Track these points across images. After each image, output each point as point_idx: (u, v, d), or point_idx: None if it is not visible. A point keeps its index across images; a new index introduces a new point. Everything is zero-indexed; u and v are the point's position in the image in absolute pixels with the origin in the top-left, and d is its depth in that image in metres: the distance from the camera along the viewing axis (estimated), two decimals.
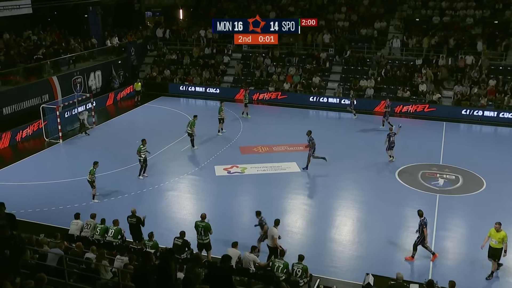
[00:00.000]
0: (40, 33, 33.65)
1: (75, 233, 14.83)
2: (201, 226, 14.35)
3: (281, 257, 13.13)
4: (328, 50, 36.10)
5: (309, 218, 18.18)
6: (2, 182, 20.76)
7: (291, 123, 29.18)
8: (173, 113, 31.03)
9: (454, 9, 36.48)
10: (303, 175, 21.63)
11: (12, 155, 24.06)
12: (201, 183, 21.11)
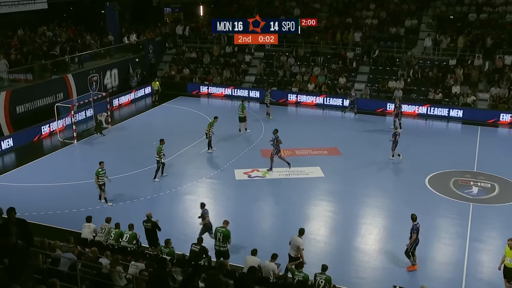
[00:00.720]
0: (56, 29, 34.20)
1: (88, 237, 14.96)
2: (220, 231, 14.34)
3: (300, 269, 13.01)
4: (355, 49, 35.88)
5: (333, 225, 18.05)
6: (15, 183, 21.10)
7: (316, 125, 29.05)
8: (191, 113, 31.17)
9: (492, 5, 35.88)
10: (327, 180, 21.49)
11: (25, 155, 24.44)
12: (220, 187, 21.14)
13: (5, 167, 23.31)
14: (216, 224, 15.13)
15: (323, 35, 37.36)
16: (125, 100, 33.67)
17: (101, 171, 18.87)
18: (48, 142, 26.52)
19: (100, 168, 18.88)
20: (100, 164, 18.94)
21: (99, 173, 18.85)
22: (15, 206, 18.01)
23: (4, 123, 25.90)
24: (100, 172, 18.87)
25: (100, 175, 18.88)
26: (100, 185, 18.99)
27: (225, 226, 14.47)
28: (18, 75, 28.56)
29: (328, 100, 32.72)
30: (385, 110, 31.32)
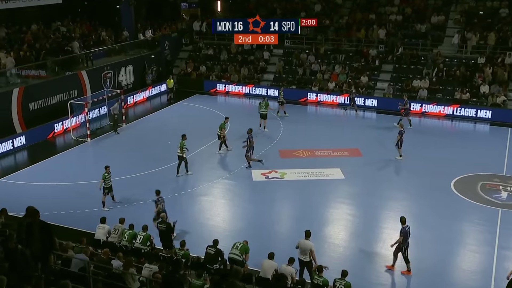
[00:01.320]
0: (70, 24, 34.57)
1: (102, 238, 15.09)
2: (240, 242, 14.20)
3: (320, 272, 12.99)
4: (378, 47, 35.66)
5: (353, 229, 17.96)
6: (27, 181, 21.37)
7: (336, 126, 28.94)
8: (208, 112, 31.26)
9: None
10: (347, 182, 21.39)
11: (38, 154, 24.74)
12: (236, 188, 21.18)
13: (18, 165, 23.63)
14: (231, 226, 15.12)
15: (345, 32, 37.20)
16: (140, 97, 33.90)
17: (107, 175, 18.83)
18: (61, 140, 26.83)
19: (106, 172, 18.83)
20: (106, 169, 18.89)
21: (105, 178, 18.84)
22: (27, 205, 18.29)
23: (16, 120, 26.28)
24: (107, 177, 18.87)
25: (107, 179, 18.91)
26: (105, 189, 18.91)
27: (246, 243, 14.24)
28: (31, 71, 28.93)
29: (349, 99, 32.50)
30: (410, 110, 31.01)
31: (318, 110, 32.74)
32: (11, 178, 21.81)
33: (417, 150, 24.95)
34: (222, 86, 35.95)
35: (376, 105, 31.91)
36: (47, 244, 10.38)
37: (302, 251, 14.18)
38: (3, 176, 22.02)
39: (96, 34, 34.87)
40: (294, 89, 34.18)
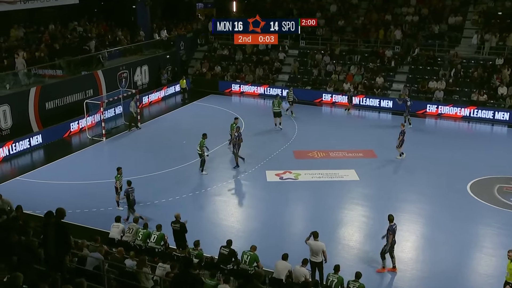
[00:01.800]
0: (86, 24, 34.89)
1: (116, 237, 15.22)
2: (248, 254, 13.86)
3: (335, 272, 12.99)
4: (394, 47, 35.48)
5: (367, 231, 17.90)
6: (43, 180, 21.61)
7: (351, 127, 28.85)
8: (223, 112, 31.33)
9: None
10: (362, 184, 21.32)
11: (54, 153, 24.99)
12: (250, 188, 21.22)
13: (34, 164, 23.90)
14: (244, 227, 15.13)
15: (361, 33, 37.06)
16: (155, 97, 34.08)
17: (119, 176, 18.89)
18: (77, 139, 27.08)
19: (119, 173, 18.87)
20: (118, 170, 18.93)
21: (117, 179, 18.94)
22: (43, 203, 18.67)
23: (33, 119, 26.60)
24: (119, 178, 18.95)
25: (118, 179, 18.98)
26: (118, 189, 19.01)
27: (253, 251, 13.90)
28: (48, 71, 29.24)
29: (364, 100, 32.44)
30: (426, 111, 30.88)
31: (333, 111, 32.65)
32: (27, 177, 22.07)
33: (433, 151, 24.79)
34: (237, 86, 36.01)
35: (392, 106, 31.74)
36: (63, 246, 10.45)
37: (314, 252, 14.19)
38: (20, 175, 22.29)
39: (112, 34, 35.14)
40: (309, 90, 34.11)
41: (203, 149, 21.74)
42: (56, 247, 10.21)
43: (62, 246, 10.43)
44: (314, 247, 14.15)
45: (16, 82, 27.19)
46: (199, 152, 21.83)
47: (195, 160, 22.66)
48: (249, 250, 13.95)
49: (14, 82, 27.06)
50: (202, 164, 22.06)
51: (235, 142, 22.64)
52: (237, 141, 22.61)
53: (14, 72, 27.20)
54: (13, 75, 27.18)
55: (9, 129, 25.32)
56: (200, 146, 21.68)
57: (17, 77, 27.38)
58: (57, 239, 10.25)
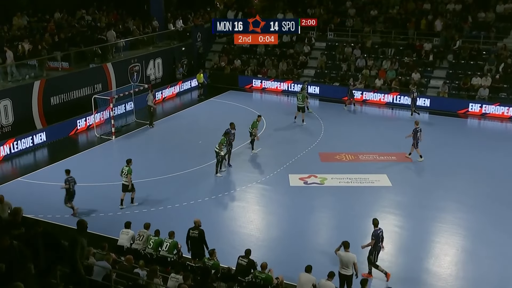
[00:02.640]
0: (95, 13, 35.21)
1: (125, 244, 15.29)
2: (260, 278, 13.67)
3: (365, 286, 12.88)
4: (433, 40, 35.13)
5: (400, 243, 17.74)
6: (47, 181, 21.81)
7: (383, 127, 28.64)
8: (242, 110, 31.36)
9: None
10: (395, 190, 21.15)
11: (59, 152, 25.25)
12: (272, 194, 21.18)
13: (37, 163, 24.16)
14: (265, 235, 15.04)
15: (396, 24, 36.75)
16: (170, 93, 34.26)
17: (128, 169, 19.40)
18: (84, 137, 27.33)
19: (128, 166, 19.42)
20: (128, 163, 19.52)
21: (131, 172, 19.34)
22: (46, 206, 18.83)
23: (37, 115, 26.91)
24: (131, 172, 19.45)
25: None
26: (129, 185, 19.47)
27: (264, 271, 13.67)
28: (53, 63, 29.56)
29: (399, 98, 32.18)
30: (468, 111, 30.53)
31: (363, 109, 32.45)
32: (30, 178, 22.32)
33: (476, 156, 24.49)
34: (258, 82, 36.01)
35: (429, 105, 31.45)
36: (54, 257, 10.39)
37: (344, 264, 14.08)
38: (22, 175, 22.55)
39: (123, 24, 35.40)
40: (337, 86, 33.97)
41: (222, 147, 21.83)
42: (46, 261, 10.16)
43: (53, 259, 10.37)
44: (344, 259, 14.06)
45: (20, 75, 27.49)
46: (216, 150, 21.91)
47: (212, 161, 22.73)
48: (260, 271, 13.66)
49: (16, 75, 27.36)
50: (218, 165, 22.11)
51: (231, 140, 22.94)
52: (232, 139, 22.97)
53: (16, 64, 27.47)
54: (17, 67, 27.48)
55: (10, 125, 25.62)
56: (220, 144, 21.81)
57: (20, 69, 27.67)
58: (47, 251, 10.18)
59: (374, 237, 15.11)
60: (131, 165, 19.44)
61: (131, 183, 19.38)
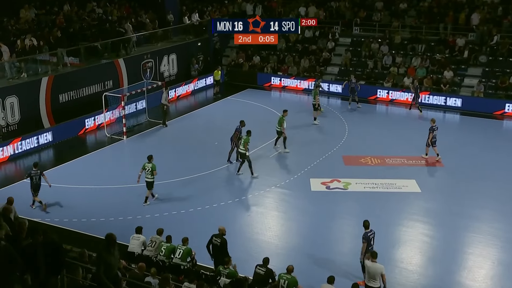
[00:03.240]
0: (107, 5, 35.48)
1: (136, 251, 15.36)
2: (284, 278, 13.86)
3: None
4: (468, 35, 34.82)
5: (430, 253, 17.60)
6: (53, 183, 21.88)
7: (412, 129, 28.45)
8: (261, 110, 31.40)
9: None
10: (424, 197, 21.01)
11: (67, 152, 25.48)
12: (292, 199, 21.16)
13: (44, 164, 24.24)
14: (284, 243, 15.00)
15: (427, 17, 36.48)
16: (184, 91, 34.38)
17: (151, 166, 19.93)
18: (93, 137, 27.55)
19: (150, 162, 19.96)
20: (150, 159, 20.02)
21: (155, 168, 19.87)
22: (53, 209, 18.96)
23: (44, 114, 27.18)
24: None
25: None
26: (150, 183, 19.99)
27: (290, 273, 13.80)
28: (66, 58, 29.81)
29: (429, 98, 31.97)
30: (505, 112, 30.23)
31: (390, 110, 32.29)
32: None
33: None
34: (278, 79, 36.01)
35: (461, 106, 31.25)
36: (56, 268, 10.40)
37: (371, 275, 14.01)
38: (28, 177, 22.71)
39: (136, 17, 35.61)
40: (362, 85, 33.85)
41: (247, 147, 22.03)
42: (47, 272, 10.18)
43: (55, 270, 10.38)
44: (371, 270, 13.97)
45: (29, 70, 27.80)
46: (242, 151, 22.09)
47: (226, 165, 22.76)
48: (286, 273, 13.84)
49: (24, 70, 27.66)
50: (250, 166, 22.29)
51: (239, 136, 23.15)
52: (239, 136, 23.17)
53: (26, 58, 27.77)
54: (25, 62, 27.77)
55: (16, 124, 25.92)
56: (244, 144, 21.99)
57: (30, 64, 27.97)
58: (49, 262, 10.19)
59: (364, 239, 15.24)
60: (153, 161, 19.94)
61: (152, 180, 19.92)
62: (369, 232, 15.31)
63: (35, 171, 19.72)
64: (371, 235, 15.29)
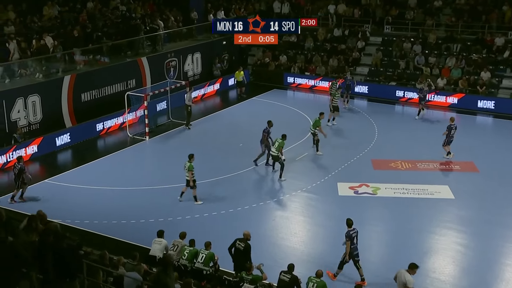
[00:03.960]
0: (130, 2, 35.78)
1: (158, 255, 15.45)
2: (314, 281, 13.97)
3: None
4: (507, 34, 34.36)
5: (464, 263, 17.43)
6: (74, 184, 22.26)
7: None
8: (288, 111, 31.40)
9: None
10: (457, 203, 20.82)
11: (88, 152, 25.79)
12: (319, 203, 21.13)
13: (65, 164, 24.71)
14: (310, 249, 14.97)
15: (465, 15, 36.11)
16: (208, 91, 34.53)
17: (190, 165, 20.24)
18: (115, 137, 27.78)
19: (190, 161, 20.28)
20: (191, 158, 20.30)
21: (192, 168, 20.13)
22: (73, 211, 19.20)
23: (66, 112, 27.46)
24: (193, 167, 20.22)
25: None
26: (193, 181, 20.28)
27: (319, 278, 13.98)
28: (85, 56, 30.13)
29: (465, 101, 31.63)
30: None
31: (424, 112, 32.01)
32: (57, 179, 22.79)
33: None
34: (306, 80, 35.96)
35: (494, 108, 31.11)
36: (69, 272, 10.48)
37: (398, 284, 13.92)
38: (49, 177, 23.06)
39: (161, 15, 35.85)
40: (393, 86, 33.67)
41: (281, 151, 22.24)
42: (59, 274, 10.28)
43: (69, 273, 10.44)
44: (398, 277, 13.81)
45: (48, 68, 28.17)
46: (274, 153, 22.36)
47: (251, 167, 22.81)
48: (315, 276, 13.90)
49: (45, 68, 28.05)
50: (280, 168, 22.48)
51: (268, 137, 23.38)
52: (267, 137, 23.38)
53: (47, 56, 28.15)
54: (46, 60, 28.15)
55: (38, 123, 26.25)
56: (278, 147, 22.16)
57: (49, 63, 28.34)
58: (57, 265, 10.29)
59: (347, 238, 15.65)
60: (193, 161, 20.28)
61: (192, 179, 20.13)
62: (352, 231, 15.71)
63: (18, 165, 20.34)
64: (353, 234, 15.68)
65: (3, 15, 29.03)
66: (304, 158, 24.70)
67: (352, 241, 15.60)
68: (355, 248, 15.64)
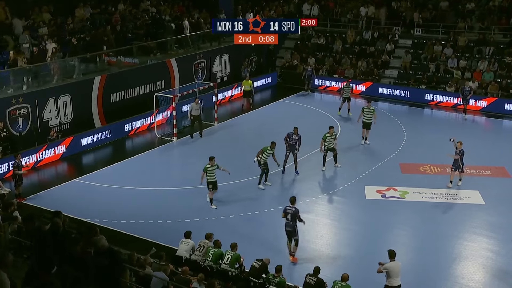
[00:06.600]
0: (160, 4, 36.07)
1: (184, 255, 15.52)
2: (339, 285, 13.94)
3: None
4: None
5: (494, 270, 17.14)
6: (103, 183, 22.49)
7: (477, 137, 27.91)
8: (315, 113, 31.32)
9: None
10: (488, 209, 20.53)
11: (117, 152, 26.11)
12: (345, 206, 21.05)
13: (95, 164, 24.92)
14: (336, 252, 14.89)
15: (497, 18, 35.73)
16: (236, 92, 34.60)
17: (210, 167, 19.94)
18: (143, 138, 28.00)
19: (210, 164, 19.99)
20: (210, 160, 20.08)
21: (207, 170, 19.91)
22: (101, 210, 19.41)
23: (96, 113, 27.81)
24: (209, 169, 19.94)
25: (210, 172, 19.96)
26: (209, 184, 20.06)
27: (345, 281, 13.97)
28: (122, 57, 30.58)
29: (497, 105, 31.25)
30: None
31: (451, 115, 31.71)
32: (87, 179, 23.04)
33: None
34: (334, 82, 35.84)
35: None
36: None
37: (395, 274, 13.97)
38: (78, 176, 23.33)
39: (190, 17, 36.07)
40: (423, 89, 33.39)
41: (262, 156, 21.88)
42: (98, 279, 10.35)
43: None
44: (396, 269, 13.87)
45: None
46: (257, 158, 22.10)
47: (280, 168, 22.82)
48: (340, 280, 13.87)
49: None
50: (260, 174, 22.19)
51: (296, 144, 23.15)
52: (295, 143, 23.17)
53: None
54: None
55: (69, 123, 26.62)
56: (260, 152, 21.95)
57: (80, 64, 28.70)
58: None
59: (283, 212, 17.00)
60: (213, 163, 20.10)
61: (207, 180, 20.04)
62: (290, 208, 16.93)
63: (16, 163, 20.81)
64: (289, 210, 16.86)
65: (38, 17, 29.49)
66: (331, 161, 24.57)
67: (286, 216, 16.82)
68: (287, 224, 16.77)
